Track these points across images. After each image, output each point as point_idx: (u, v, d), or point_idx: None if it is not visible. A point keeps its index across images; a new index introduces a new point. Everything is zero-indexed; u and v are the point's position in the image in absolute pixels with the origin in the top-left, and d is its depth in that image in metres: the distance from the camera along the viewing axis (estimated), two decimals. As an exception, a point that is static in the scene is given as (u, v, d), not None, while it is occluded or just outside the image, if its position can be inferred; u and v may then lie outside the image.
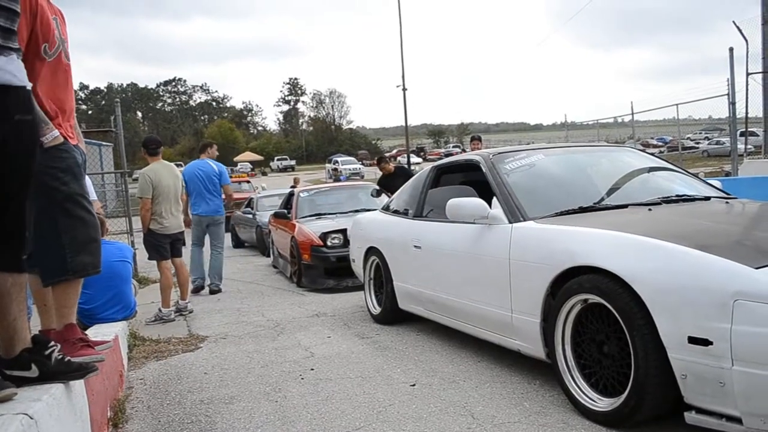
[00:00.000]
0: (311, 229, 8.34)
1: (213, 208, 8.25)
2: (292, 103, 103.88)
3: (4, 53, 2.16)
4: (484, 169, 4.40)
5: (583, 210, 3.83)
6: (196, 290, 8.31)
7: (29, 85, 2.27)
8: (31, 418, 1.94)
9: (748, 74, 11.87)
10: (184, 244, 7.14)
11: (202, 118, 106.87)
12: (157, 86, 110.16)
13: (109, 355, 3.48)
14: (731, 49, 11.18)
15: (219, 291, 8.33)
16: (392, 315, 5.52)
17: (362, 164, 54.10)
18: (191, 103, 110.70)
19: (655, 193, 4.11)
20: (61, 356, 2.41)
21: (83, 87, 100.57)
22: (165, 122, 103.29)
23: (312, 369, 4.40)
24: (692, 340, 2.57)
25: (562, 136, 29.90)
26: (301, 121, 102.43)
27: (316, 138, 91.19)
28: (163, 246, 6.82)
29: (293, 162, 71.17)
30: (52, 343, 2.44)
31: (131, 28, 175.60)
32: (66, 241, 2.68)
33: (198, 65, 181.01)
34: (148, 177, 6.75)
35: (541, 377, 3.78)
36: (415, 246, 4.93)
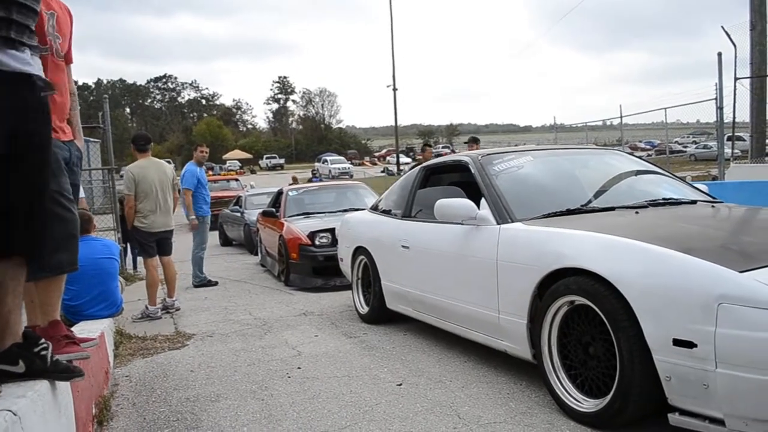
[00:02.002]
0: (299, 227, 8.33)
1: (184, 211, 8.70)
2: (281, 102, 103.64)
3: (18, 48, 2.17)
4: (472, 170, 4.41)
5: (570, 212, 3.85)
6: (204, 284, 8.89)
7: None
8: (15, 414, 1.92)
9: (736, 79, 11.95)
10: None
11: (192, 115, 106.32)
12: (147, 83, 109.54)
13: (95, 353, 3.46)
14: (720, 54, 11.27)
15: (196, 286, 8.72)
16: (380, 314, 5.53)
17: (351, 164, 54.13)
18: (180, 100, 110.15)
19: (641, 196, 4.14)
20: (50, 355, 2.40)
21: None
22: (154, 119, 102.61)
23: (299, 368, 4.40)
24: (677, 343, 2.59)
25: (551, 138, 30.02)
26: (290, 119, 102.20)
27: (306, 137, 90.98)
28: (148, 244, 6.79)
29: (282, 160, 71.02)
30: (43, 341, 2.42)
31: (114, 24, 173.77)
32: (44, 238, 2.66)
33: (185, 62, 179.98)
34: (131, 174, 6.75)
35: (527, 378, 3.80)
36: (403, 246, 4.94)
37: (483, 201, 4.09)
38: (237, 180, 24.26)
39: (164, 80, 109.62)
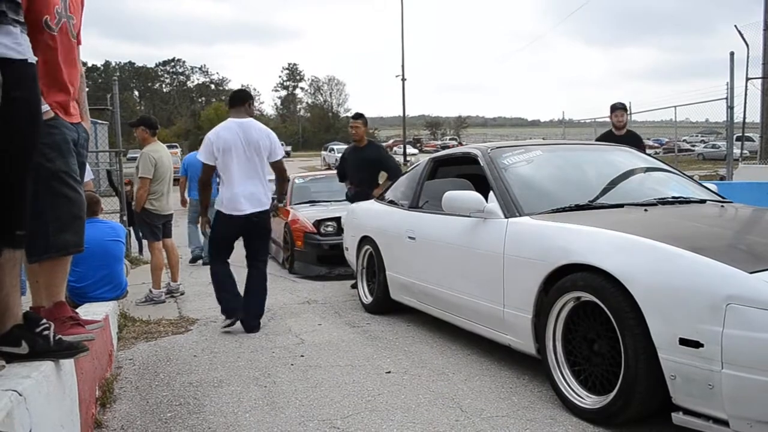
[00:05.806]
0: (305, 215, 8.33)
1: None
2: (290, 89, 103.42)
3: (11, 25, 2.14)
4: (481, 163, 4.40)
5: (579, 208, 3.83)
6: (194, 260, 9.38)
7: (32, 59, 2.24)
8: (20, 394, 1.93)
9: (747, 79, 11.88)
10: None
11: (200, 99, 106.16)
12: (156, 66, 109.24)
13: (99, 335, 3.47)
14: (732, 53, 11.18)
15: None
16: (384, 305, 5.52)
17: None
18: (189, 84, 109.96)
19: (650, 194, 4.12)
20: (52, 335, 2.40)
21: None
22: (162, 102, 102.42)
23: (302, 356, 4.41)
24: (683, 342, 2.58)
25: (559, 133, 29.86)
26: (298, 107, 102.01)
27: (313, 125, 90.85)
28: (157, 227, 6.90)
29: (289, 148, 70.65)
30: (44, 321, 2.42)
31: (115, 3, 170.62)
32: (50, 219, 2.65)
33: (188, 45, 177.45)
34: (152, 157, 6.82)
35: (531, 372, 3.79)
36: (410, 237, 4.93)
37: (491, 194, 4.07)
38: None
39: (173, 64, 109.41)
